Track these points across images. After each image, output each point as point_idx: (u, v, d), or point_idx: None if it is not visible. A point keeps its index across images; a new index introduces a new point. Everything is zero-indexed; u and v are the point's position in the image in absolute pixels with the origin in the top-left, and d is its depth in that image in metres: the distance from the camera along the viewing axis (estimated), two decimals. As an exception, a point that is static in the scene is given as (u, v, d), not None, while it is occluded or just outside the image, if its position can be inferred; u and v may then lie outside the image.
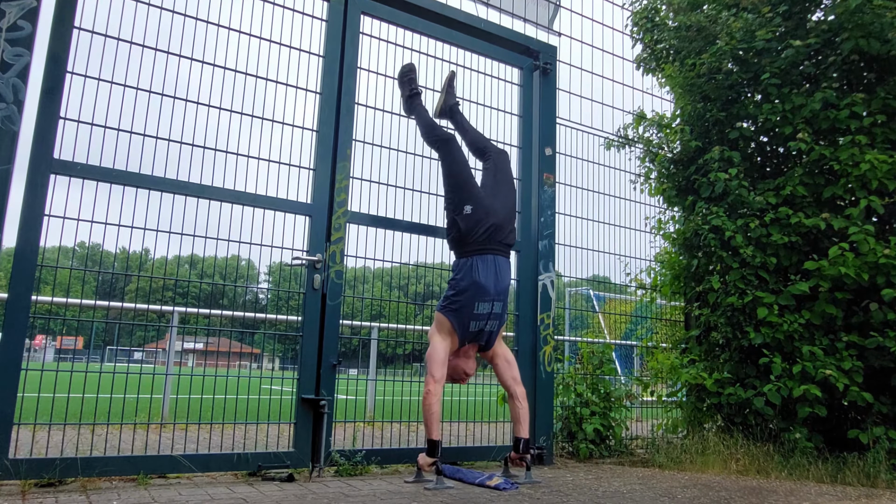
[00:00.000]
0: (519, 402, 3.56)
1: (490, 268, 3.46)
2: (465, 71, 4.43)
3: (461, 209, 3.52)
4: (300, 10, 3.82)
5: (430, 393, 3.27)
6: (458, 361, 3.54)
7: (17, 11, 2.95)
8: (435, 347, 3.41)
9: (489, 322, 3.47)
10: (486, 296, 3.42)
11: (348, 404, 4.98)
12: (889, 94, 4.46)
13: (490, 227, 3.49)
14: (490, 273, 3.45)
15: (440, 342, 3.42)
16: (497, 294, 3.46)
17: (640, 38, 5.73)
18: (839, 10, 4.45)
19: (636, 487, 3.43)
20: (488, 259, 3.47)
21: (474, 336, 3.48)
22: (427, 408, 3.27)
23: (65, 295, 5.03)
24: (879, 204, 4.27)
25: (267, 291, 6.35)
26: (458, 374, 3.57)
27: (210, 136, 3.41)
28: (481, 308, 3.43)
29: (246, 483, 3.17)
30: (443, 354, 3.39)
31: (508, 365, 3.63)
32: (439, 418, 3.31)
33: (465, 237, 3.49)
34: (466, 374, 3.59)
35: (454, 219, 3.54)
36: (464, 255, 3.50)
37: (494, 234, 3.51)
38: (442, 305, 3.47)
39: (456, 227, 3.53)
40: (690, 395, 4.94)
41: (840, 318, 4.40)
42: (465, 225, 3.49)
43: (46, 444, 3.30)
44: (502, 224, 3.55)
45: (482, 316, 3.44)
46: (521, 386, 3.63)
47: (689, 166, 5.16)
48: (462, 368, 3.56)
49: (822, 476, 3.90)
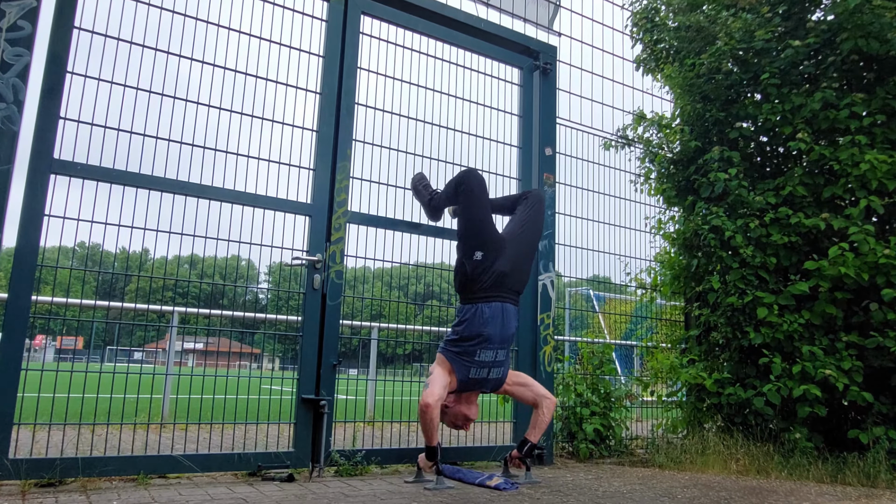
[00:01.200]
0: (543, 412, 3.50)
1: (496, 316, 3.34)
2: (466, 71, 4.43)
3: (471, 254, 3.38)
4: (300, 10, 3.82)
5: (429, 406, 3.16)
6: (459, 408, 3.43)
7: (17, 11, 2.95)
8: (436, 375, 3.31)
9: (492, 370, 3.38)
10: (490, 344, 3.33)
11: (348, 404, 4.97)
12: (889, 94, 4.47)
13: (500, 275, 3.36)
14: (496, 321, 3.34)
15: (441, 373, 3.32)
16: (501, 342, 3.37)
17: (640, 39, 5.72)
18: (838, 10, 4.46)
19: (636, 487, 3.43)
20: (495, 307, 3.35)
21: (475, 384, 3.38)
22: (428, 420, 3.19)
23: (65, 295, 5.03)
24: (879, 204, 4.27)
25: (267, 291, 6.35)
26: (459, 420, 3.45)
27: (210, 136, 3.41)
28: (484, 356, 3.33)
29: (246, 483, 3.17)
30: (443, 381, 3.29)
31: (527, 387, 3.56)
32: (438, 427, 3.27)
33: (472, 283, 3.37)
34: (469, 421, 3.47)
35: (462, 262, 3.41)
36: (469, 301, 3.38)
37: (504, 281, 3.38)
38: (443, 347, 3.38)
39: (463, 270, 3.40)
40: (690, 395, 4.94)
41: (840, 318, 4.40)
42: (473, 271, 3.36)
43: (46, 444, 3.30)
44: (514, 271, 3.41)
45: (485, 364, 3.35)
46: (552, 397, 3.56)
47: (689, 166, 5.17)
48: (464, 414, 3.44)
49: (822, 476, 3.90)
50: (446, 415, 3.43)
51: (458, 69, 4.39)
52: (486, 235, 3.41)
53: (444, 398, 3.29)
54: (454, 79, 4.35)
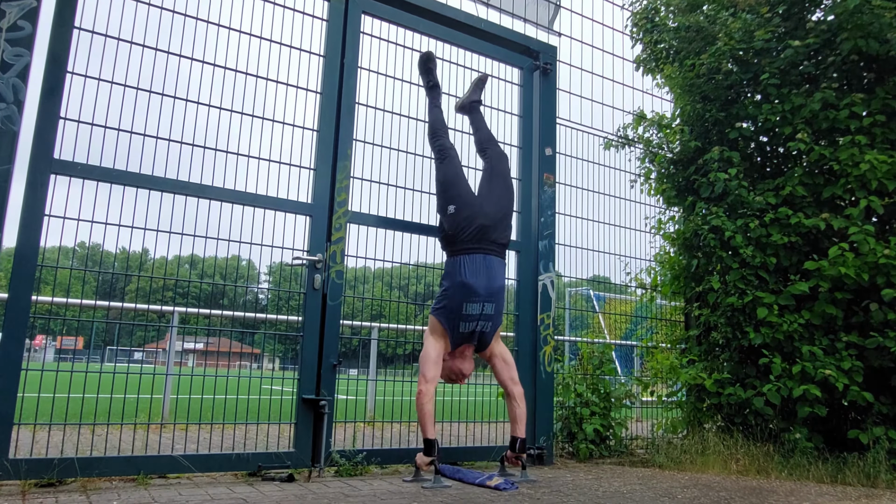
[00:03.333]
0: (516, 402, 3.57)
1: (479, 267, 3.44)
2: (466, 71, 4.43)
3: (446, 209, 3.57)
4: (300, 9, 3.82)
5: (421, 393, 3.27)
6: (454, 362, 3.53)
7: (17, 11, 2.95)
8: (427, 349, 3.41)
9: (480, 323, 3.44)
10: (474, 296, 3.39)
11: (348, 404, 4.97)
12: (888, 94, 4.47)
13: (479, 227, 3.48)
14: (480, 273, 3.43)
15: (433, 343, 3.42)
16: (489, 295, 3.43)
17: (640, 39, 5.73)
18: (838, 11, 4.46)
19: (636, 487, 3.43)
20: (477, 258, 3.45)
21: (466, 337, 3.47)
22: (420, 407, 3.27)
23: (65, 295, 5.03)
24: (879, 204, 4.27)
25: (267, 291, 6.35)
26: (454, 374, 3.56)
27: (210, 136, 3.41)
28: (471, 309, 3.40)
29: (246, 483, 3.17)
30: (434, 355, 3.39)
31: (506, 365, 3.62)
32: (433, 417, 3.31)
33: (453, 237, 3.51)
34: (463, 375, 3.57)
35: (441, 220, 3.62)
36: (451, 255, 3.52)
37: (485, 234, 3.49)
38: (433, 307, 3.48)
39: (441, 227, 3.60)
40: (690, 396, 4.94)
41: (840, 318, 4.40)
42: (450, 224, 3.53)
43: (46, 444, 3.30)
44: (494, 224, 3.54)
45: (472, 317, 3.42)
46: (519, 386, 3.63)
47: (689, 166, 5.17)
48: (458, 369, 3.54)
49: (822, 476, 3.90)
50: (441, 369, 3.49)
51: (458, 69, 4.40)
52: (458, 188, 3.60)
53: (437, 377, 3.39)
54: (454, 79, 4.35)
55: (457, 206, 3.54)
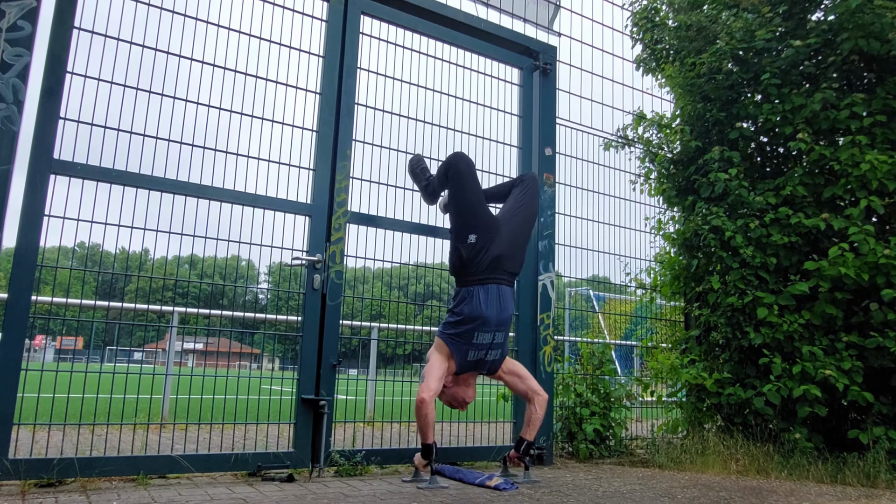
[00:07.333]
0: (535, 408, 3.51)
1: (493, 298, 3.36)
2: (465, 71, 4.43)
3: (465, 237, 3.41)
4: (300, 10, 3.82)
5: (424, 402, 3.19)
6: (456, 389, 3.46)
7: (17, 11, 2.95)
8: (433, 363, 3.34)
9: (490, 352, 3.39)
10: (487, 327, 3.34)
11: (348, 404, 4.97)
12: (889, 94, 4.46)
13: (495, 258, 3.38)
14: (493, 303, 3.35)
15: (439, 361, 3.35)
16: (499, 323, 3.38)
17: (640, 38, 5.73)
18: (839, 10, 4.46)
19: (636, 487, 3.43)
20: (491, 289, 3.37)
21: (472, 365, 3.41)
22: (423, 416, 3.21)
23: (65, 295, 5.03)
24: (879, 204, 4.27)
25: (267, 291, 6.35)
26: (456, 401, 3.49)
27: (210, 136, 3.41)
28: (481, 338, 3.35)
29: (246, 483, 3.17)
30: (439, 372, 3.32)
31: (521, 379, 3.55)
32: (433, 424, 3.28)
33: (467, 266, 3.39)
34: (465, 402, 3.50)
35: (457, 246, 3.44)
36: (465, 285, 3.40)
37: (500, 264, 3.40)
38: (441, 331, 3.40)
39: (458, 254, 3.43)
40: (690, 396, 4.94)
41: (840, 319, 4.40)
42: (468, 254, 3.39)
43: (46, 444, 3.30)
44: (509, 254, 3.44)
45: (482, 346, 3.36)
46: (543, 394, 3.56)
47: (689, 166, 5.16)
48: (461, 397, 3.47)
49: (822, 476, 3.90)
50: (443, 394, 3.45)
51: (458, 69, 4.39)
52: (479, 218, 3.44)
53: (439, 391, 3.33)
54: (454, 79, 4.35)
55: (477, 235, 3.39)
